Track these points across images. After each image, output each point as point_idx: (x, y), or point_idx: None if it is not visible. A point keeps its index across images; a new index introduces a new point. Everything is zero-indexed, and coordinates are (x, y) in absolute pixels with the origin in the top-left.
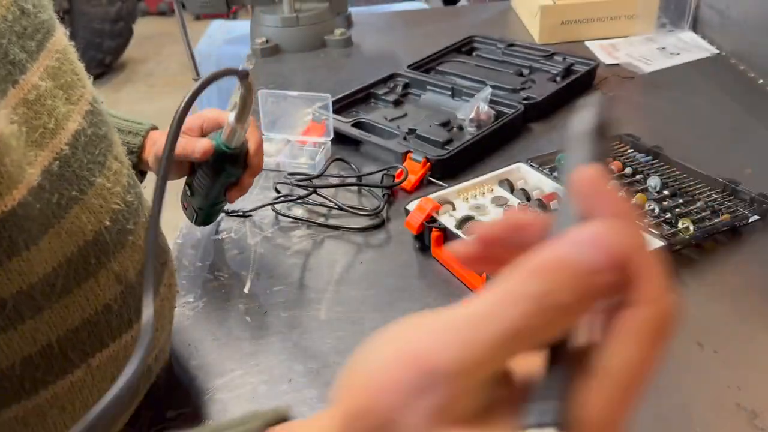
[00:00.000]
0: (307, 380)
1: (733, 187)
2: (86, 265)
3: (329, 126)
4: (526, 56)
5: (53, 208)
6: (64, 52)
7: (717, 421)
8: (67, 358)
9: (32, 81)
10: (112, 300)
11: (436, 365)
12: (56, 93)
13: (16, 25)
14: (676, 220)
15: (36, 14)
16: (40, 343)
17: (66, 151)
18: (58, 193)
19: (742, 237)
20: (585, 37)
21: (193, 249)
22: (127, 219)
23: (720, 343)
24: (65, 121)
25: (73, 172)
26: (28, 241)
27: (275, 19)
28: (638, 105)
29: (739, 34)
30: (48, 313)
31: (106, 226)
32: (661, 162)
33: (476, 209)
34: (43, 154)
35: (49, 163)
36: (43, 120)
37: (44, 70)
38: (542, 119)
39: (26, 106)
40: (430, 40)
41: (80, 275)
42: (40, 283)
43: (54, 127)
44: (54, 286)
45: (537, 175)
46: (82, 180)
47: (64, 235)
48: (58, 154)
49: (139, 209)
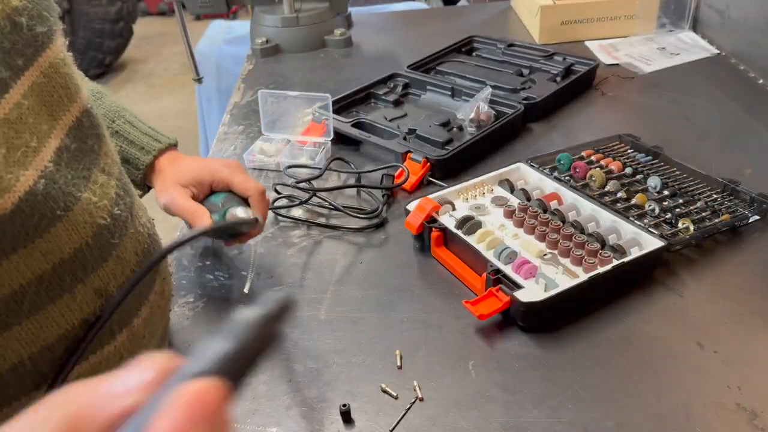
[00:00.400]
0: (307, 380)
1: (733, 187)
2: (61, 282)
3: (329, 126)
4: (526, 56)
5: (30, 230)
6: (56, 65)
7: (717, 421)
8: (42, 374)
9: (14, 99)
10: (91, 314)
11: None
12: (39, 109)
13: (5, 41)
14: (676, 220)
15: (31, 27)
16: (10, 361)
17: (50, 168)
18: (39, 213)
19: (742, 237)
20: (585, 37)
21: (193, 249)
22: (113, 233)
23: (720, 343)
24: (47, 138)
25: (59, 189)
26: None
27: (275, 19)
28: (638, 105)
29: (739, 34)
30: (18, 330)
31: (88, 244)
32: (661, 162)
33: (476, 209)
34: (27, 173)
35: (33, 183)
36: (24, 139)
37: (29, 86)
38: (542, 119)
39: (7, 125)
40: (430, 40)
41: (54, 292)
42: (5, 300)
43: (36, 145)
44: (21, 303)
45: (537, 175)
46: (68, 197)
47: (38, 255)
48: (42, 172)
49: (128, 221)
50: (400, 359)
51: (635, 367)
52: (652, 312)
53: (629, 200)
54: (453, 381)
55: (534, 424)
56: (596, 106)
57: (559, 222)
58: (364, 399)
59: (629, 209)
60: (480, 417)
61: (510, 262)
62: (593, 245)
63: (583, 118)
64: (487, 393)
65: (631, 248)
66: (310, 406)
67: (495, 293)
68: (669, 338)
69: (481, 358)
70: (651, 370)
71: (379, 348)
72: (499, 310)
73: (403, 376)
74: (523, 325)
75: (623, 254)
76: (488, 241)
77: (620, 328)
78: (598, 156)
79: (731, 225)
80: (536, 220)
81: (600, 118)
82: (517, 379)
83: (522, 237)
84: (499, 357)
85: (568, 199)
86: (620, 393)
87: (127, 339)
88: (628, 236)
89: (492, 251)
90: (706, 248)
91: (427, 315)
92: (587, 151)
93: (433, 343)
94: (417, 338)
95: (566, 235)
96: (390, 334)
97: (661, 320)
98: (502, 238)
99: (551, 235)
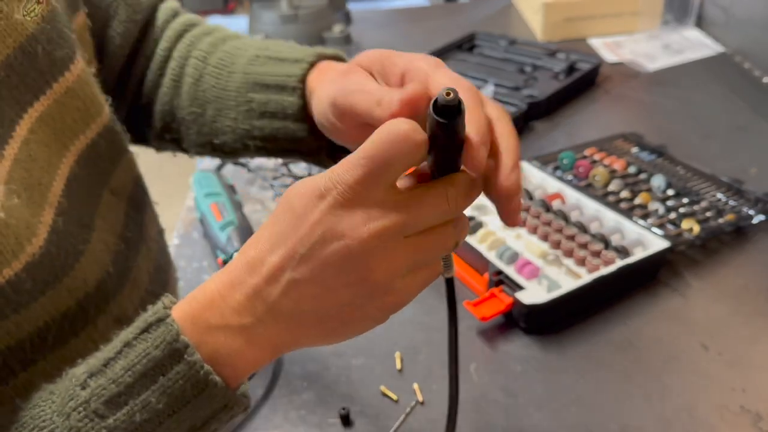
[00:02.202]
0: (306, 383)
1: (738, 186)
2: (84, 316)
3: None
4: (529, 54)
5: (57, 270)
6: (74, 89)
7: (721, 424)
8: None
9: (22, 136)
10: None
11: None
12: (49, 140)
13: (13, 75)
14: (681, 220)
15: (49, 52)
16: None
17: (64, 202)
18: (64, 251)
19: (747, 237)
20: (588, 35)
21: (190, 249)
22: (128, 256)
23: (724, 345)
24: (56, 170)
25: (76, 221)
26: (18, 307)
27: (273, 16)
28: (642, 103)
29: (743, 31)
30: (42, 365)
31: (109, 272)
32: (666, 161)
33: (478, 209)
34: (45, 212)
35: (53, 221)
36: (36, 176)
37: (38, 117)
38: (545, 118)
39: (19, 166)
40: (431, 37)
41: (77, 325)
42: (29, 337)
43: (48, 180)
44: (46, 339)
45: (540, 174)
46: (84, 228)
47: (64, 293)
48: (58, 208)
49: (140, 242)
50: (400, 362)
51: (638, 369)
52: (655, 313)
53: (633, 199)
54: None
55: (536, 428)
56: (599, 104)
57: (561, 222)
58: (363, 402)
59: (633, 209)
60: (481, 420)
61: (512, 263)
62: (596, 246)
63: (586, 117)
64: (488, 396)
65: (635, 249)
66: (309, 410)
67: (497, 295)
68: (673, 340)
69: (483, 360)
70: (654, 372)
71: (379, 350)
72: (501, 311)
73: (404, 378)
74: (525, 327)
75: (627, 255)
76: (490, 241)
77: (623, 330)
78: (601, 155)
79: (736, 225)
80: (539, 220)
81: (603, 116)
82: (519, 381)
83: (524, 237)
84: (501, 359)
85: (571, 198)
86: (623, 396)
87: None
88: (632, 236)
89: (494, 252)
90: (711, 249)
91: (428, 317)
92: (590, 150)
93: (434, 346)
94: (418, 340)
95: (569, 235)
96: (390, 336)
97: (665, 322)
98: (504, 238)
99: (554, 236)
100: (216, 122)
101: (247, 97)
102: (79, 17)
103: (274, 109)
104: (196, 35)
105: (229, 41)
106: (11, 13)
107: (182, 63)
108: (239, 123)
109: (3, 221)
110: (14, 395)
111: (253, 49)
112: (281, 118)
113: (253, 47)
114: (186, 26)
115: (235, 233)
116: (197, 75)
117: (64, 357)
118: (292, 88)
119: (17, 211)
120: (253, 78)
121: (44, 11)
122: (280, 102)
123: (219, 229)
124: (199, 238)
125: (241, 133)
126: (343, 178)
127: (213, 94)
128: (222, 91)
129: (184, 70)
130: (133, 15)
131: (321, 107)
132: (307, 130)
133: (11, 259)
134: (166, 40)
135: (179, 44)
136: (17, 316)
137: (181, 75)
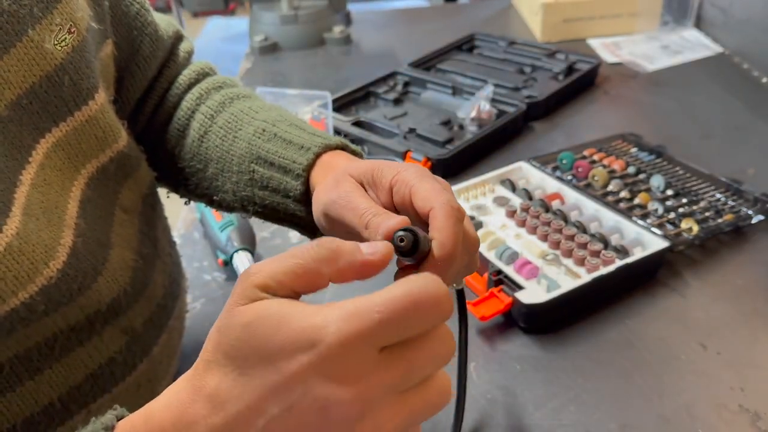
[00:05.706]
0: None
1: (737, 186)
2: (91, 327)
3: (329, 125)
4: (528, 54)
5: (74, 291)
6: (95, 119)
7: (720, 423)
8: (68, 410)
9: (38, 161)
10: (117, 352)
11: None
12: (62, 165)
13: (35, 103)
14: (680, 220)
15: (76, 82)
16: (42, 403)
17: (81, 224)
18: (82, 273)
19: (746, 237)
20: (587, 35)
21: (191, 249)
22: (145, 272)
23: (723, 344)
24: (68, 192)
25: (95, 242)
26: (29, 323)
27: (274, 17)
28: (641, 104)
29: (742, 32)
30: (48, 373)
31: (126, 291)
32: (665, 161)
33: (477, 209)
34: (65, 234)
35: (72, 243)
36: (52, 199)
37: (56, 142)
38: (544, 118)
39: (36, 191)
40: (431, 38)
41: (83, 336)
42: (37, 346)
43: (63, 203)
44: (53, 349)
45: (539, 175)
46: (101, 248)
47: (76, 309)
48: (75, 230)
49: (155, 257)
50: None
51: (638, 368)
52: (654, 313)
53: (632, 200)
54: (453, 383)
55: (536, 427)
56: (599, 105)
57: (561, 222)
58: None
59: (632, 209)
60: (481, 419)
61: (512, 263)
62: (596, 245)
63: (585, 117)
64: (488, 395)
65: (634, 248)
66: None
67: (496, 294)
68: (672, 339)
69: (483, 359)
70: (653, 371)
71: None
72: (500, 311)
73: None
74: (524, 327)
75: (626, 255)
76: (490, 241)
77: (623, 330)
78: (600, 155)
79: (735, 225)
80: (538, 220)
81: (602, 116)
82: (519, 381)
83: (524, 237)
84: (500, 359)
85: (571, 198)
86: (623, 395)
87: (147, 367)
88: (631, 236)
89: (493, 252)
90: (710, 248)
91: None
92: (590, 150)
93: None
94: None
95: (568, 235)
96: None
97: (664, 321)
98: (504, 238)
99: (553, 236)
100: (217, 180)
101: (250, 167)
102: (107, 46)
103: (276, 187)
104: (205, 89)
105: (237, 102)
106: (41, 42)
107: (189, 114)
108: (241, 187)
109: (18, 248)
110: (20, 402)
111: (259, 120)
112: (283, 196)
113: (260, 117)
114: (199, 75)
115: (235, 233)
116: (202, 131)
117: (69, 366)
118: (296, 174)
119: (35, 235)
120: (257, 151)
121: (75, 41)
122: (283, 182)
123: (219, 230)
124: (199, 238)
125: (242, 197)
126: (340, 326)
127: (216, 154)
128: (226, 153)
129: (189, 122)
130: (155, 51)
131: (316, 213)
132: (307, 212)
133: (27, 283)
134: (178, 87)
135: (189, 95)
136: (27, 330)
137: (186, 127)
